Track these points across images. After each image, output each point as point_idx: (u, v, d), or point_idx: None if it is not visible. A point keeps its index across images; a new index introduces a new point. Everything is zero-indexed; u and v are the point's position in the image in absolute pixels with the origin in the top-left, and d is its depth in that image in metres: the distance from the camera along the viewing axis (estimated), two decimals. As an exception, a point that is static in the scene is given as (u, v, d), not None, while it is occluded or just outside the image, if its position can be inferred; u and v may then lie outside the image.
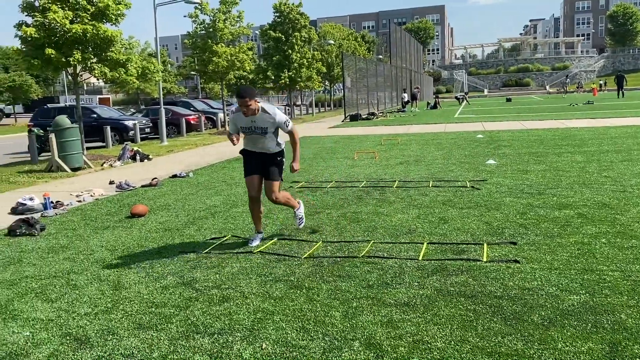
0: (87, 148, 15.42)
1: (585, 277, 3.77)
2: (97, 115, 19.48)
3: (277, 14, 33.40)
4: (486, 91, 70.99)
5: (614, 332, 2.94)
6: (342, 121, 26.91)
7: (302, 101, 46.54)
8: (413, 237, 5.02)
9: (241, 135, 5.01)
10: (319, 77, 37.42)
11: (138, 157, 13.13)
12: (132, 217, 6.56)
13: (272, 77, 33.18)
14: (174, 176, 9.92)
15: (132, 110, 30.98)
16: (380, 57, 53.91)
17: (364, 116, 28.11)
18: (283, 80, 32.97)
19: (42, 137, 14.48)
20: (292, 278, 4.08)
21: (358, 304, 3.52)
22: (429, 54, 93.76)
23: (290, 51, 32.77)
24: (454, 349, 2.84)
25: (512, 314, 3.24)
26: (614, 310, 3.20)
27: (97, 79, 14.01)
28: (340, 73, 35.03)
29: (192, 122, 23.55)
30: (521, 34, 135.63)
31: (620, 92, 35.77)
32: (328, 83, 46.06)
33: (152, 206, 7.19)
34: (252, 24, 27.39)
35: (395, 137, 15.94)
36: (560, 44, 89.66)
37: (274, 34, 32.85)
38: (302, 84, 34.22)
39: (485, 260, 4.24)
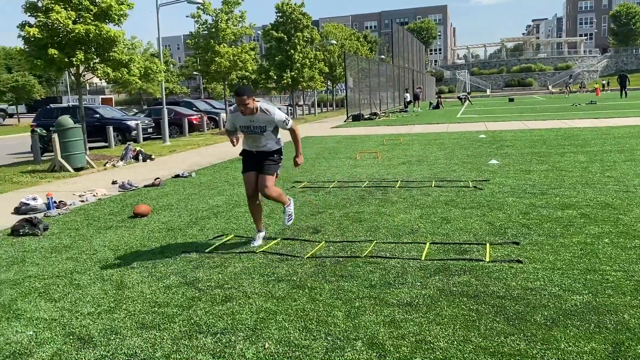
0: (90, 148, 15.45)
1: (588, 277, 3.77)
2: (100, 116, 19.51)
3: (280, 14, 33.45)
4: (489, 91, 70.93)
5: (617, 332, 2.94)
6: (345, 121, 26.91)
7: (305, 101, 46.55)
8: (415, 237, 5.02)
9: (241, 135, 5.01)
10: (321, 77, 37.46)
11: (140, 157, 13.15)
12: (134, 217, 6.58)
13: (275, 77, 33.23)
14: (177, 176, 9.93)
15: (135, 111, 31.03)
16: (383, 57, 53.90)
17: (366, 116, 28.11)
18: (285, 81, 33.01)
19: (45, 137, 14.53)
20: (294, 278, 4.08)
21: (360, 303, 3.52)
22: (431, 54, 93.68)
23: (292, 51, 32.80)
24: (457, 349, 2.84)
25: (515, 314, 3.24)
26: (616, 311, 3.20)
27: (100, 79, 14.04)
28: (343, 73, 35.01)
29: (195, 122, 23.57)
30: (524, 33, 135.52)
31: (623, 92, 35.70)
32: (330, 83, 46.10)
33: (155, 206, 7.20)
34: (254, 24, 27.42)
35: (397, 137, 15.94)
36: (562, 43, 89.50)
37: (276, 34, 32.89)
38: (304, 84, 34.26)
39: (488, 260, 4.24)
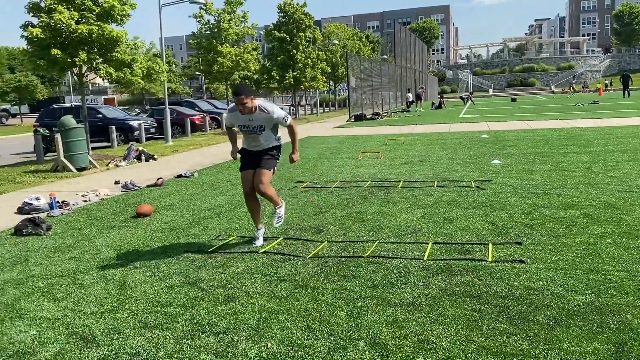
0: (93, 148, 15.48)
1: (591, 277, 3.76)
2: (103, 116, 19.55)
3: (282, 14, 33.47)
4: (491, 91, 70.83)
5: (620, 333, 2.93)
6: (347, 121, 26.91)
7: (307, 101, 46.55)
8: (418, 237, 5.02)
9: (240, 136, 5.01)
10: (324, 77, 37.47)
11: (143, 157, 13.17)
12: (137, 217, 6.59)
13: (277, 77, 33.26)
14: (179, 176, 9.95)
15: (137, 111, 31.08)
16: (385, 57, 53.89)
17: (368, 116, 28.11)
18: (287, 81, 33.04)
19: (48, 137, 14.56)
20: (297, 278, 4.08)
21: (363, 303, 3.52)
22: (433, 53, 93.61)
23: (294, 51, 32.82)
24: (459, 349, 2.84)
25: (518, 314, 3.24)
26: (619, 311, 3.20)
27: (103, 79, 14.08)
28: (345, 73, 35.03)
29: (197, 122, 23.59)
30: (526, 33, 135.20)
31: (626, 91, 35.62)
32: (332, 83, 46.11)
33: (158, 206, 7.21)
34: (256, 24, 27.47)
35: (399, 137, 15.93)
36: (565, 43, 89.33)
37: (278, 34, 32.92)
38: (306, 84, 34.28)
39: (491, 260, 4.24)
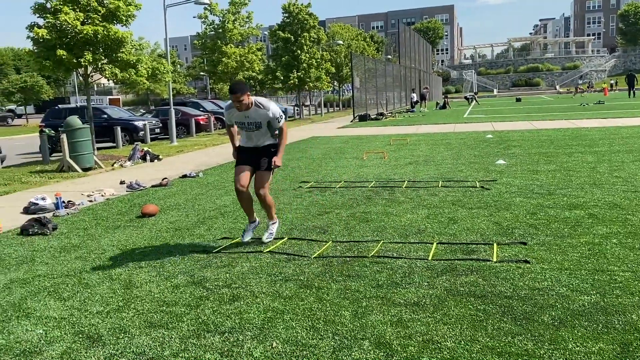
0: (98, 148, 15.54)
1: (596, 277, 3.76)
2: (108, 116, 19.63)
3: (286, 15, 33.51)
4: (496, 91, 70.69)
5: (625, 333, 2.93)
6: (351, 121, 26.90)
7: (311, 101, 46.61)
8: (422, 237, 5.02)
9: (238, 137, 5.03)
10: (328, 77, 37.51)
11: (148, 157, 13.21)
12: (142, 217, 6.61)
13: (281, 77, 33.30)
14: (184, 176, 9.97)
15: (142, 111, 31.15)
16: (389, 57, 53.85)
17: (372, 116, 28.09)
18: (292, 81, 33.07)
19: (54, 138, 14.63)
20: (301, 277, 4.09)
21: (368, 303, 3.53)
22: (438, 54, 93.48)
23: (299, 51, 32.85)
24: (464, 349, 2.85)
25: (522, 314, 3.23)
26: (625, 311, 3.19)
27: (108, 80, 14.12)
28: (349, 73, 35.02)
29: (202, 122, 23.65)
30: (531, 33, 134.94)
31: (632, 91, 35.48)
32: (337, 83, 46.13)
33: (163, 206, 7.23)
34: (261, 25, 27.52)
35: (404, 137, 15.92)
36: (570, 43, 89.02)
37: (283, 34, 32.95)
38: (311, 84, 34.31)
39: (495, 260, 4.23)
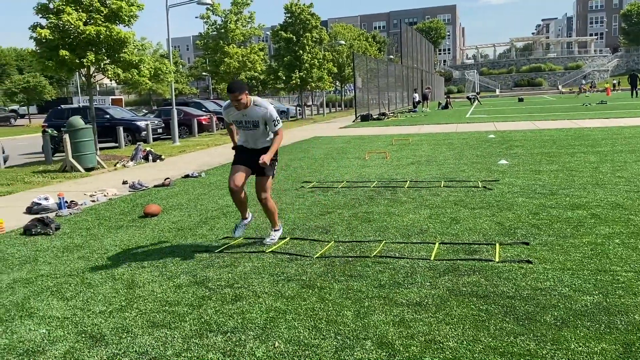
0: (101, 148, 15.57)
1: (599, 277, 3.75)
2: (110, 116, 19.65)
3: (288, 15, 33.54)
4: (498, 91, 70.56)
5: (628, 333, 2.92)
6: (353, 121, 26.90)
7: (313, 101, 46.57)
8: (425, 237, 5.02)
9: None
10: (330, 77, 37.50)
11: (150, 158, 13.23)
12: (145, 217, 6.62)
13: (283, 77, 33.32)
14: (186, 176, 9.99)
15: (144, 111, 31.20)
16: (391, 57, 53.85)
17: (375, 116, 28.08)
18: (294, 81, 33.09)
19: (56, 138, 14.67)
20: (304, 277, 4.10)
21: (370, 303, 3.53)
22: (440, 54, 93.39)
23: (301, 52, 32.87)
24: (466, 349, 2.85)
25: (525, 314, 3.23)
26: (627, 311, 3.19)
27: (110, 80, 14.17)
28: (351, 73, 35.03)
29: (204, 122, 23.66)
30: (533, 33, 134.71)
31: (634, 91, 35.38)
32: (339, 83, 46.12)
33: (165, 206, 7.25)
34: (263, 25, 27.54)
35: (406, 137, 15.92)
36: (573, 43, 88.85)
37: (285, 34, 32.98)
38: (313, 84, 34.31)
39: (498, 260, 4.23)
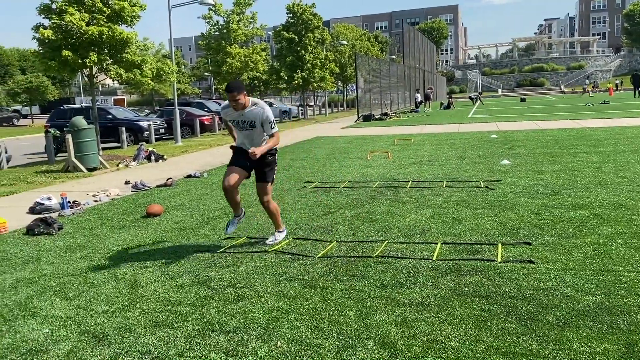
0: (103, 148, 15.59)
1: (601, 277, 3.75)
2: (113, 116, 19.67)
3: (291, 15, 33.54)
4: (500, 91, 70.47)
5: (630, 333, 2.92)
6: (355, 121, 26.90)
7: (315, 102, 46.59)
8: (427, 237, 5.02)
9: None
10: (332, 77, 37.48)
11: (153, 158, 13.25)
12: (147, 217, 6.64)
13: (286, 77, 33.34)
14: (189, 176, 10.00)
15: (147, 111, 31.23)
16: (393, 57, 53.84)
17: (377, 116, 28.08)
18: (296, 81, 33.09)
19: (59, 138, 14.68)
20: (306, 277, 4.10)
21: (372, 303, 3.53)
22: (442, 54, 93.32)
23: (303, 52, 32.87)
24: (469, 349, 2.85)
25: (527, 314, 3.23)
26: (630, 311, 3.18)
27: (113, 80, 14.19)
28: (353, 73, 35.02)
29: (206, 122, 23.68)
30: (536, 33, 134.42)
31: (637, 91, 35.28)
32: (341, 83, 46.12)
33: (167, 206, 7.26)
34: (265, 25, 27.54)
35: (408, 137, 15.91)
36: (575, 43, 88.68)
37: (287, 34, 32.98)
38: (315, 84, 34.32)
39: (500, 260, 4.23)
